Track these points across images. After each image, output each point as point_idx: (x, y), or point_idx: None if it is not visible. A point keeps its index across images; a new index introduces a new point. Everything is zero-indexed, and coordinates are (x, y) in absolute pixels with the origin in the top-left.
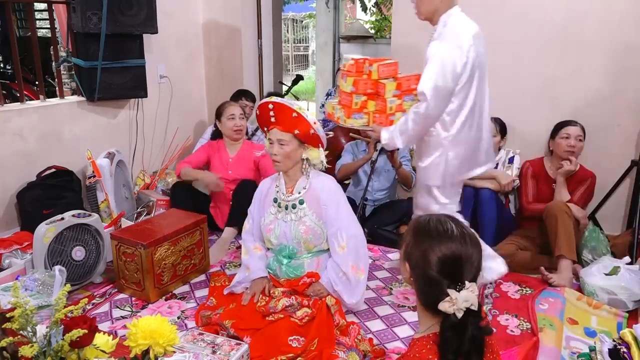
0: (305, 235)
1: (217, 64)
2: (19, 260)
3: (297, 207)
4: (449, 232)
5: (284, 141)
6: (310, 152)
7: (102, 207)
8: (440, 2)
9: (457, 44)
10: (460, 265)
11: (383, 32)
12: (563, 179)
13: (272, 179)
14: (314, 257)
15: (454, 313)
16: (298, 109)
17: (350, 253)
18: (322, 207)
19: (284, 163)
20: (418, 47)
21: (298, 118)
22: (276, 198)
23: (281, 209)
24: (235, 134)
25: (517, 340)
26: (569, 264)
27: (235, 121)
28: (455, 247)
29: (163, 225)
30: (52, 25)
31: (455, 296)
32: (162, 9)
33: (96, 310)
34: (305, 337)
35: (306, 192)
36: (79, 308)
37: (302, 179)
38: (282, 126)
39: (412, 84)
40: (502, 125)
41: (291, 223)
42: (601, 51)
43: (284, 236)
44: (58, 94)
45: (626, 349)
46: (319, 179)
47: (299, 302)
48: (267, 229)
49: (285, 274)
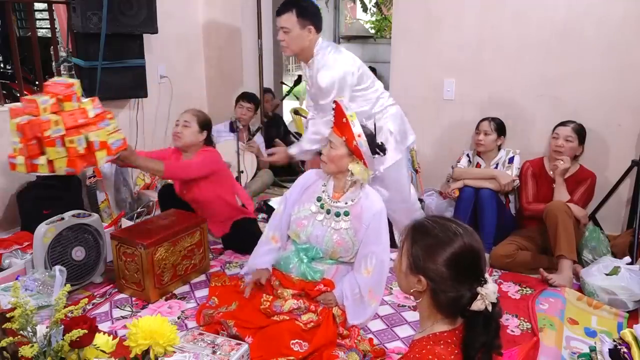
0: (337, 246)
1: (217, 64)
2: (19, 260)
3: (340, 217)
4: (457, 233)
5: (334, 144)
6: (355, 165)
7: (102, 207)
8: (309, 41)
9: (345, 63)
10: (479, 259)
11: (383, 32)
12: (562, 178)
13: (318, 174)
14: (334, 264)
15: (485, 308)
16: (349, 116)
17: (373, 278)
18: (363, 225)
19: (328, 165)
20: (418, 47)
21: (346, 124)
22: (320, 197)
23: (322, 210)
24: (173, 139)
25: (518, 340)
26: (569, 264)
27: (176, 127)
28: (468, 245)
29: (163, 225)
30: (52, 25)
31: (485, 292)
32: (162, 9)
33: (96, 310)
34: (307, 342)
35: (353, 205)
36: (79, 308)
37: (354, 190)
38: (337, 129)
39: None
40: (500, 125)
41: (328, 229)
42: (601, 51)
43: (315, 238)
44: None
45: (626, 349)
46: (370, 197)
47: (306, 306)
48: (300, 223)
49: (302, 273)
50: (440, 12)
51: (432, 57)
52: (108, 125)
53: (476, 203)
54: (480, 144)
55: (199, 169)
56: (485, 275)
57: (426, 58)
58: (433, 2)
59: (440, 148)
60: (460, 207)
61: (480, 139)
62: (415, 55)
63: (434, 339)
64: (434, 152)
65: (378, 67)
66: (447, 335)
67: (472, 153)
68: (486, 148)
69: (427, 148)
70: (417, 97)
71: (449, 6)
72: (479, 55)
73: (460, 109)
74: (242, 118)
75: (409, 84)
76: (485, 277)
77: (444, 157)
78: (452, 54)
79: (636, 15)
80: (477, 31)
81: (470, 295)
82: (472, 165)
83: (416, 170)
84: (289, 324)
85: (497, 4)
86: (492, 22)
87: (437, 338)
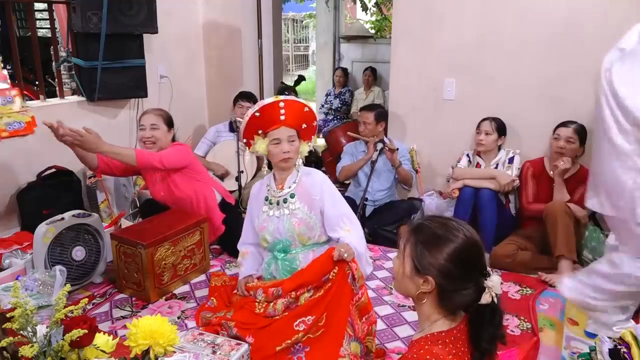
0: (298, 228)
1: (217, 64)
2: (19, 260)
3: (288, 201)
4: (457, 229)
5: (293, 137)
6: (303, 146)
7: (102, 207)
8: None
9: None
10: (481, 252)
11: (383, 32)
12: (561, 179)
13: (262, 182)
14: (308, 250)
15: (492, 300)
16: (306, 102)
17: (356, 233)
18: (314, 198)
19: (294, 158)
20: (418, 47)
21: (309, 112)
22: (267, 196)
23: (273, 205)
24: (144, 145)
25: (518, 340)
26: (569, 264)
27: (145, 132)
28: (470, 238)
29: (163, 225)
30: (52, 25)
31: (491, 284)
32: (162, 9)
33: (96, 310)
34: (312, 315)
35: (297, 186)
36: (79, 308)
37: (292, 174)
38: (291, 122)
39: None
40: (501, 125)
41: (283, 217)
42: (601, 51)
43: (278, 231)
44: (58, 94)
45: (626, 349)
46: (307, 172)
47: (294, 298)
48: (261, 227)
49: (282, 269)
50: (440, 12)
51: (432, 57)
52: (11, 103)
53: (476, 203)
54: (481, 144)
55: (172, 158)
56: (488, 268)
57: (426, 58)
58: (433, 2)
59: (440, 148)
60: (460, 207)
61: (481, 138)
62: (415, 55)
63: (432, 339)
64: (434, 152)
65: (378, 67)
66: (445, 334)
67: (472, 153)
68: (487, 148)
69: (427, 148)
70: (417, 97)
71: (448, 6)
72: (479, 55)
73: (460, 109)
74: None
75: (409, 84)
76: (488, 270)
77: (444, 157)
78: (452, 54)
79: (636, 15)
80: (477, 31)
81: (476, 289)
82: (472, 165)
83: (416, 170)
84: (289, 316)
85: (497, 3)
86: (492, 22)
87: (435, 338)
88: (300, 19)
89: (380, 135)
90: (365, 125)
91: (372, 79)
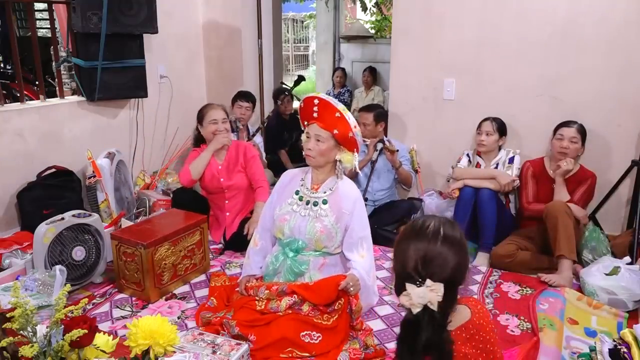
0: (320, 234)
1: (217, 64)
2: (19, 260)
3: (318, 205)
4: (423, 230)
5: (321, 138)
6: (345, 155)
7: (102, 207)
8: None
9: None
10: (424, 262)
11: (383, 32)
12: (562, 179)
13: (299, 170)
14: (320, 256)
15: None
16: (342, 110)
17: (369, 261)
18: (344, 212)
19: (317, 159)
20: (418, 47)
21: (340, 119)
22: (299, 190)
23: (301, 202)
24: (218, 135)
25: (518, 340)
26: (569, 264)
27: (218, 125)
28: (421, 245)
29: (163, 225)
30: (52, 25)
31: (411, 290)
32: (162, 9)
33: (96, 310)
34: (318, 332)
35: (332, 194)
36: (79, 308)
37: (331, 179)
38: (323, 123)
39: None
40: (501, 125)
41: (308, 218)
42: (601, 51)
43: (298, 230)
44: (58, 94)
45: (626, 349)
46: (346, 184)
47: (300, 299)
48: (282, 218)
49: (289, 268)
50: (440, 12)
51: (432, 57)
52: None
53: (476, 203)
54: (482, 144)
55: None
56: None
57: (426, 58)
58: (433, 2)
59: (440, 148)
60: (460, 207)
61: (482, 139)
62: (415, 55)
63: None
64: (434, 152)
65: (378, 67)
66: None
67: (472, 153)
68: (488, 148)
69: (427, 148)
70: (417, 97)
71: (449, 6)
72: (479, 55)
73: (460, 109)
74: (242, 118)
75: (409, 84)
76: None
77: (444, 157)
78: (452, 54)
79: (636, 15)
80: (477, 31)
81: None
82: (472, 165)
83: (416, 170)
84: (293, 316)
85: (497, 3)
86: (492, 22)
87: None
88: (300, 19)
89: (380, 136)
90: (365, 126)
91: (371, 79)
